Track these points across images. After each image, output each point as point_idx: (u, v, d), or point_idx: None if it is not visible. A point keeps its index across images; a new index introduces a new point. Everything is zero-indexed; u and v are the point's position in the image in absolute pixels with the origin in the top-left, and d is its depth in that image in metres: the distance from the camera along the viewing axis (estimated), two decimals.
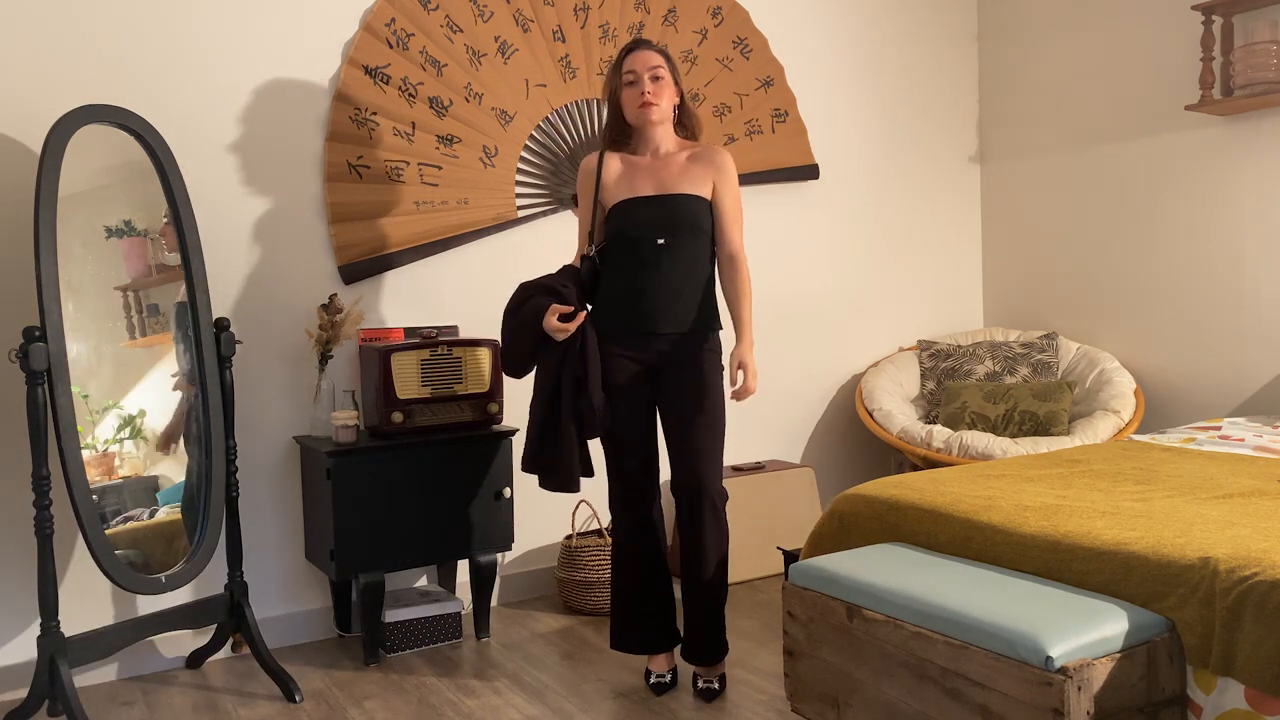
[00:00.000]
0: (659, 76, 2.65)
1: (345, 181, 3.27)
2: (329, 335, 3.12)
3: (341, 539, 2.97)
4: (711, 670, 2.77)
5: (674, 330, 2.67)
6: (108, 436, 2.68)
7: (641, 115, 2.67)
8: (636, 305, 2.66)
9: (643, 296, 2.65)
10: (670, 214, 2.65)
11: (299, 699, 2.78)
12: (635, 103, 2.66)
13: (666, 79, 2.67)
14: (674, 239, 2.65)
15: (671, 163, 2.71)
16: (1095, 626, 1.81)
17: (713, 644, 2.74)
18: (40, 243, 2.47)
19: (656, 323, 2.66)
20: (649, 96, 2.64)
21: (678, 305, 2.66)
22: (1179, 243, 3.93)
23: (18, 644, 2.87)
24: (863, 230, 4.37)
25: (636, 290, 2.66)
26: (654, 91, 2.64)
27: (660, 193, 2.67)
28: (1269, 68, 3.48)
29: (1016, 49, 4.49)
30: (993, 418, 3.81)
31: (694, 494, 2.67)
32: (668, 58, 2.70)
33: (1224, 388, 3.82)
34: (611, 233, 2.71)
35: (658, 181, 2.69)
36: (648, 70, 2.65)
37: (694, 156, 2.72)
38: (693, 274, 2.67)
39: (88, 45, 2.90)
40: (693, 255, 2.68)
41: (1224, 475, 2.55)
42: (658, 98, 2.65)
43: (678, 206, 2.66)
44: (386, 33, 3.31)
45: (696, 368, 2.67)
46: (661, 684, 2.77)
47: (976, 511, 2.30)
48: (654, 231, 2.64)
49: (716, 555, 2.70)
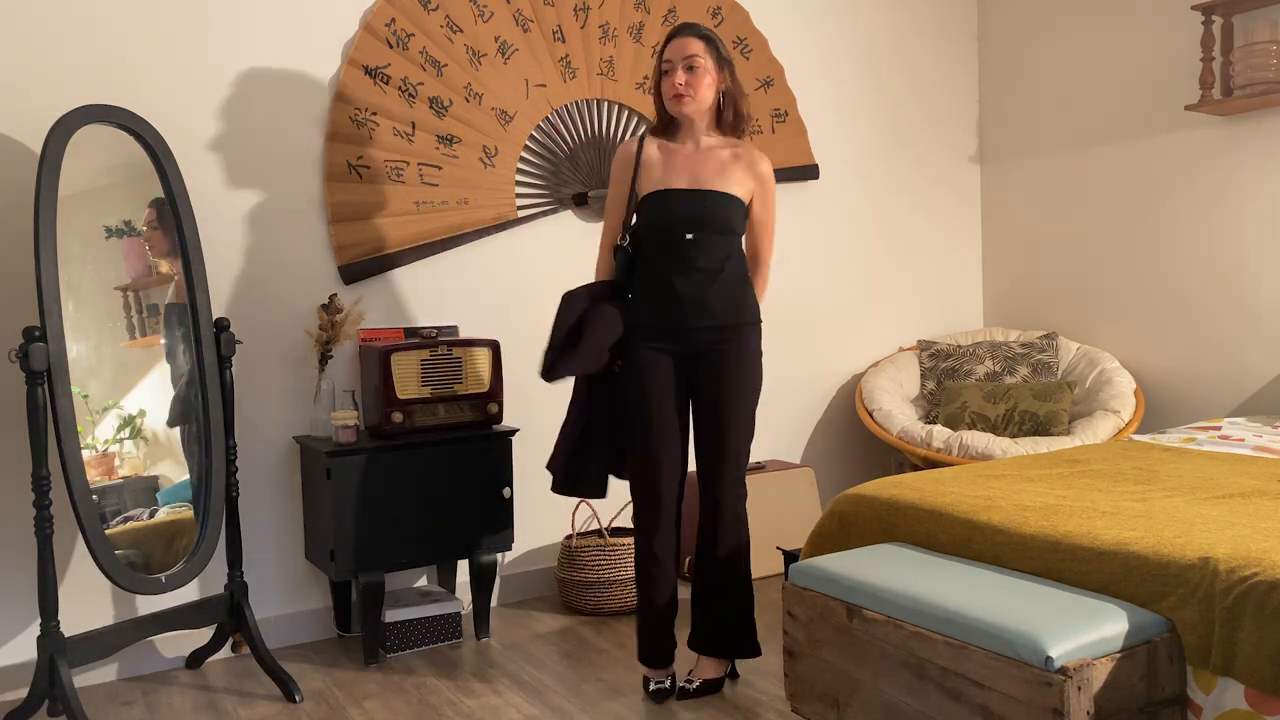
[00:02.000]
0: (694, 66, 2.55)
1: (345, 181, 3.27)
2: (329, 335, 3.12)
3: (341, 539, 2.97)
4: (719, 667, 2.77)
5: (706, 324, 2.62)
6: (108, 436, 2.68)
7: (674, 106, 2.60)
8: (668, 299, 2.62)
9: (674, 291, 2.61)
10: (701, 210, 2.60)
11: (299, 699, 2.78)
12: (669, 93, 2.59)
13: (704, 67, 2.56)
14: (702, 234, 2.59)
15: (711, 158, 2.64)
16: (1095, 626, 1.81)
17: (741, 638, 2.75)
18: (40, 243, 2.47)
19: (687, 317, 2.61)
20: (680, 88, 2.56)
21: (709, 299, 2.61)
22: (1179, 243, 3.93)
23: (18, 644, 2.87)
24: (863, 230, 4.37)
25: (668, 285, 2.61)
26: (688, 82, 2.56)
27: (694, 187, 2.61)
28: (1269, 68, 3.48)
29: (1016, 49, 4.49)
30: (993, 418, 3.81)
31: (716, 491, 2.68)
32: (712, 43, 2.58)
33: (1224, 388, 3.82)
34: (643, 223, 2.67)
35: (693, 175, 2.62)
36: (683, 59, 2.55)
37: (736, 156, 2.66)
38: (725, 268, 2.62)
39: (88, 45, 2.90)
40: (724, 251, 2.63)
41: (1224, 475, 2.55)
42: (691, 89, 2.56)
43: (711, 204, 2.60)
44: (386, 33, 3.30)
45: (729, 362, 2.65)
46: (662, 690, 2.74)
47: (976, 511, 2.29)
48: (684, 225, 2.59)
49: (738, 551, 2.72)
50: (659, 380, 2.65)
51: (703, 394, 2.68)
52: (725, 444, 2.67)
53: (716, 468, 2.68)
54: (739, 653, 2.77)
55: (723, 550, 2.71)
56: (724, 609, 2.74)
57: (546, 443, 3.63)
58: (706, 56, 2.57)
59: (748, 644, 2.77)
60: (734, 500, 2.71)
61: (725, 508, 2.70)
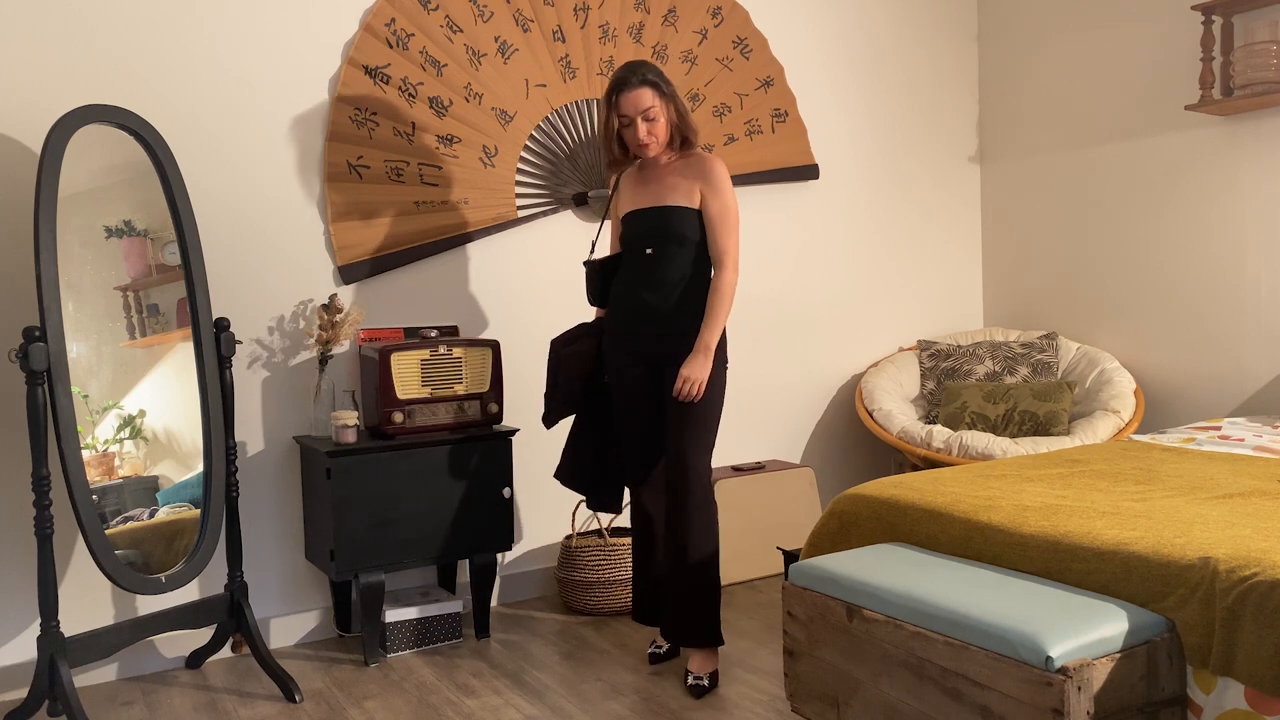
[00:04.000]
0: (652, 117, 2.73)
1: (345, 181, 3.27)
2: (329, 335, 3.12)
3: (341, 539, 2.97)
4: (703, 665, 2.79)
5: (667, 333, 2.81)
6: (108, 436, 2.68)
7: (644, 154, 2.80)
8: (633, 311, 2.84)
9: (637, 302, 2.83)
10: (656, 225, 2.80)
11: (299, 699, 2.78)
12: (635, 145, 2.79)
13: (658, 111, 2.74)
14: (662, 249, 2.79)
15: (664, 174, 2.84)
16: (1095, 626, 1.81)
17: (694, 624, 2.78)
18: (40, 243, 2.47)
19: (653, 326, 2.81)
20: (644, 139, 2.75)
21: (668, 311, 2.80)
22: (1179, 243, 3.93)
23: (18, 644, 2.87)
24: (862, 230, 4.37)
25: (633, 296, 2.84)
26: (649, 131, 2.75)
27: (652, 204, 2.82)
28: (1269, 68, 3.48)
29: (1016, 49, 4.49)
30: (993, 418, 3.81)
31: (677, 478, 2.79)
32: (657, 87, 2.73)
33: (1224, 388, 3.82)
34: (616, 243, 2.99)
35: (651, 193, 2.84)
36: (639, 114, 2.73)
37: (684, 168, 2.82)
38: (683, 281, 2.79)
39: (88, 45, 2.90)
40: (685, 261, 2.80)
41: (1224, 475, 2.55)
42: (653, 136, 2.76)
43: (663, 218, 2.79)
44: (386, 33, 3.31)
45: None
46: (656, 654, 2.97)
47: (976, 511, 2.30)
48: (643, 241, 2.82)
49: (699, 538, 2.78)
50: (631, 386, 2.89)
51: (668, 396, 2.82)
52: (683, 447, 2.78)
53: (678, 459, 2.79)
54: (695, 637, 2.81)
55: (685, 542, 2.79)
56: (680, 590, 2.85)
57: (547, 442, 3.64)
58: (657, 101, 2.73)
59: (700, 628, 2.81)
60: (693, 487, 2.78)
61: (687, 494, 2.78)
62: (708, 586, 2.80)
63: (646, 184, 2.86)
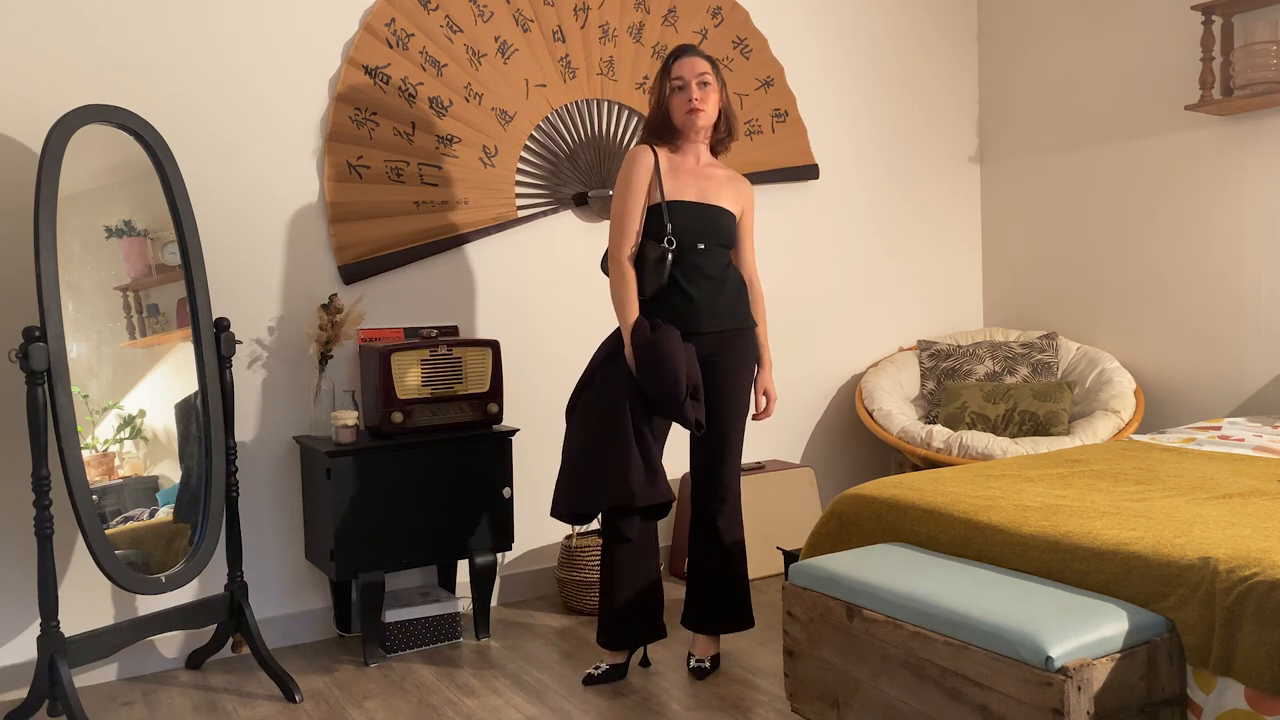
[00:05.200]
0: (706, 83, 2.76)
1: (345, 181, 3.27)
2: (329, 335, 3.12)
3: (341, 539, 2.97)
4: (706, 648, 2.89)
5: (715, 329, 2.81)
6: (108, 436, 2.68)
7: (689, 121, 2.77)
8: (682, 304, 2.78)
9: (687, 296, 2.78)
10: (711, 222, 2.80)
11: (299, 699, 2.78)
12: (683, 108, 2.76)
13: (713, 85, 2.77)
14: (710, 245, 2.79)
15: (711, 175, 2.85)
16: (1095, 626, 1.81)
17: (737, 609, 2.89)
18: (40, 243, 2.47)
19: (700, 322, 2.78)
20: (696, 103, 2.74)
21: (717, 305, 2.80)
22: (1179, 243, 3.93)
23: (18, 644, 2.87)
24: (863, 230, 4.37)
25: (680, 290, 2.78)
26: (701, 98, 2.75)
27: (702, 200, 2.80)
28: (1269, 68, 3.48)
29: (1016, 49, 4.49)
30: (993, 418, 3.81)
31: (726, 471, 2.85)
32: (714, 65, 2.79)
33: (1224, 388, 3.82)
34: (653, 231, 2.77)
35: (699, 189, 2.81)
36: (695, 77, 2.74)
37: (731, 178, 2.89)
38: (728, 276, 2.84)
39: (88, 45, 2.90)
40: (725, 260, 2.84)
41: (1224, 475, 2.55)
42: (705, 103, 2.75)
43: (719, 217, 2.81)
44: (386, 33, 3.30)
45: (734, 361, 2.83)
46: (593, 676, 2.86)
47: (976, 511, 2.30)
48: (694, 236, 2.77)
49: (731, 538, 2.88)
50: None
51: (711, 391, 2.83)
52: (729, 437, 2.85)
53: (715, 466, 2.86)
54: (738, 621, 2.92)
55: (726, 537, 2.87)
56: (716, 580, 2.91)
57: (547, 443, 3.64)
58: (713, 76, 2.78)
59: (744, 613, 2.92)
60: (736, 490, 2.90)
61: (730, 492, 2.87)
62: (745, 572, 2.93)
63: (691, 175, 2.81)
